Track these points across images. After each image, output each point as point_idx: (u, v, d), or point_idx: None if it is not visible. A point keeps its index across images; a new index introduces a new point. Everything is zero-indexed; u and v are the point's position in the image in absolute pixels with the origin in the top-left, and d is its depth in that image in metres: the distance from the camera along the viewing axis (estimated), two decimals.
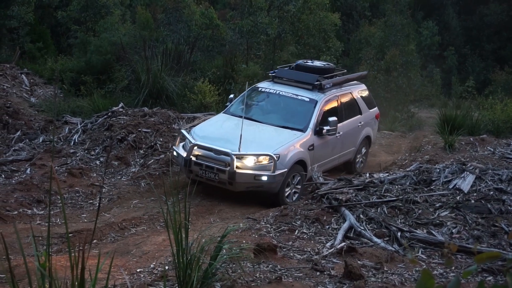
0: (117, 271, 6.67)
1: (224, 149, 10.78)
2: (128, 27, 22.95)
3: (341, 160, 13.04)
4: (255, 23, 21.72)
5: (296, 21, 23.35)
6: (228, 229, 6.45)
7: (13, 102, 16.02)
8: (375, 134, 14.90)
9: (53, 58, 22.35)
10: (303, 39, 23.78)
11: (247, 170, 10.71)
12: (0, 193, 10.72)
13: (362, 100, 13.85)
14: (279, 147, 11.03)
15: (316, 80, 12.51)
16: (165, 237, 8.33)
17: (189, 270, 5.72)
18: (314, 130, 11.79)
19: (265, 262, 7.08)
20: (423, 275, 2.54)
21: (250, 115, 12.05)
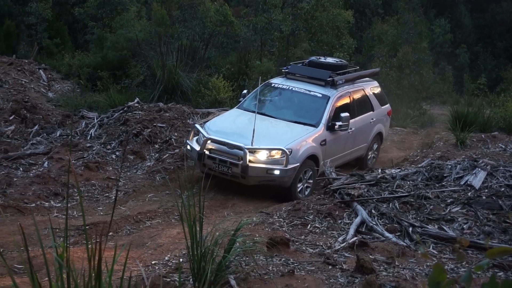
0: (133, 263, 6.70)
1: (237, 143, 10.81)
2: (143, 23, 22.96)
3: (353, 155, 13.02)
4: (269, 20, 21.69)
5: (309, 18, 23.27)
6: (241, 222, 6.46)
7: (31, 97, 16.10)
8: (387, 131, 14.84)
9: (70, 54, 22.44)
10: (317, 36, 23.71)
11: (259, 164, 10.73)
12: (18, 186, 10.78)
13: (374, 96, 13.82)
14: (292, 141, 11.03)
15: (329, 76, 12.49)
16: (180, 230, 8.35)
17: (203, 263, 5.73)
18: (327, 126, 11.78)
19: (278, 256, 7.09)
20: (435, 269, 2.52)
21: (263, 111, 12.09)
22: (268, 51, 23.02)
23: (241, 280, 6.06)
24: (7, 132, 13.85)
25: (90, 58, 21.53)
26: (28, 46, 21.99)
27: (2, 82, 16.66)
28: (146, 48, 19.93)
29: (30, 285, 4.52)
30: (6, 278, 6.47)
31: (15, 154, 12.46)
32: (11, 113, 14.90)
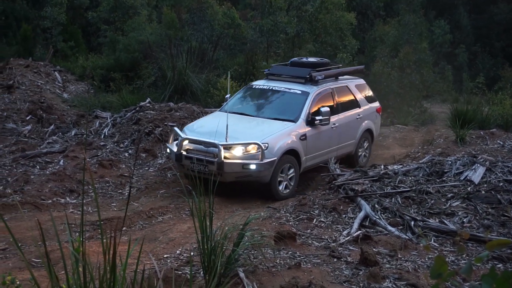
0: (145, 256, 6.70)
1: (212, 141, 10.47)
2: (154, 26, 22.98)
3: (340, 152, 12.53)
4: (275, 23, 21.68)
5: (313, 20, 23.22)
6: (250, 217, 6.46)
7: (47, 98, 16.15)
8: (378, 128, 14.42)
9: (84, 56, 22.48)
10: (321, 37, 23.66)
11: (235, 160, 10.37)
12: (35, 183, 10.81)
13: (360, 93, 13.46)
14: (268, 136, 10.68)
15: (308, 73, 12.15)
16: (190, 225, 8.36)
17: (213, 256, 5.74)
18: (306, 121, 11.39)
19: (285, 249, 7.09)
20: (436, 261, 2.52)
21: (243, 111, 11.88)
22: (274, 52, 23.01)
23: (249, 273, 6.07)
24: (24, 132, 13.89)
25: (103, 60, 21.56)
26: (43, 49, 22.03)
27: (19, 83, 16.71)
28: (157, 50, 19.95)
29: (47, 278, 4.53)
30: (25, 271, 6.49)
31: (32, 153, 12.50)
32: (28, 113, 14.95)
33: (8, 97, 15.69)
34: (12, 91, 16.22)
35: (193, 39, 20.80)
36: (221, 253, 5.77)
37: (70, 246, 3.55)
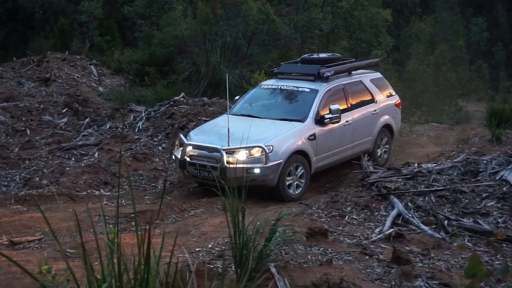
0: (178, 249, 6.75)
1: (213, 145, 10.18)
2: (189, 22, 23.05)
3: (356, 150, 12.02)
4: (310, 19, 21.60)
5: (348, 17, 23.09)
6: (282, 213, 6.46)
7: (83, 91, 16.34)
8: (398, 123, 13.84)
9: (119, 51, 22.67)
10: (355, 34, 23.51)
11: (238, 165, 9.96)
12: (71, 175, 10.97)
13: (377, 88, 12.86)
14: (273, 138, 10.27)
15: (317, 70, 11.67)
16: (222, 219, 8.39)
17: (245, 251, 5.75)
18: (315, 119, 10.95)
19: (317, 245, 7.07)
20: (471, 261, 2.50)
21: (250, 112, 11.49)
22: (308, 48, 22.93)
23: (281, 268, 6.07)
24: (60, 124, 14.09)
25: (138, 54, 21.73)
26: (80, 43, 22.28)
27: (56, 77, 16.94)
28: (191, 45, 20.06)
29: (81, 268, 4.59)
30: (59, 261, 6.59)
31: (67, 145, 12.69)
32: (64, 106, 15.16)
33: (45, 90, 15.94)
34: (49, 84, 16.46)
35: (228, 35, 20.84)
36: (253, 248, 5.78)
37: (105, 237, 3.60)
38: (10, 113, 14.25)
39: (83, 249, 3.36)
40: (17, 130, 13.47)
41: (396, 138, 15.83)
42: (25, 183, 10.55)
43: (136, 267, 3.38)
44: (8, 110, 14.39)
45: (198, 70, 18.41)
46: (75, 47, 21.43)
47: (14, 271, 6.21)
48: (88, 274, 3.35)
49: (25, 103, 14.90)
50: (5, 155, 11.87)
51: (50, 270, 3.83)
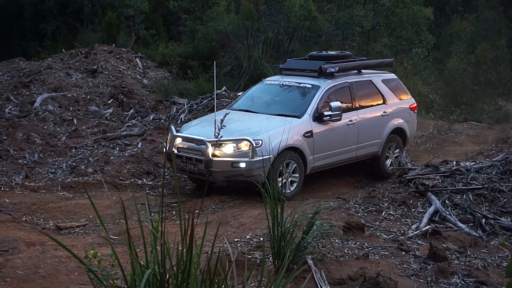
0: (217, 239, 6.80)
1: (199, 137, 9.69)
2: (232, 17, 23.10)
3: (361, 152, 11.17)
4: (351, 16, 21.44)
5: (390, 14, 22.83)
6: (320, 207, 6.46)
7: (128, 83, 16.53)
8: (413, 128, 12.61)
9: (164, 44, 22.83)
10: (396, 31, 23.26)
11: (224, 158, 9.50)
12: (115, 164, 11.12)
13: (388, 88, 11.87)
14: (263, 132, 9.62)
15: (319, 66, 10.95)
16: (261, 211, 8.43)
17: (283, 242, 5.78)
18: (313, 116, 10.23)
19: (353, 240, 7.06)
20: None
21: (249, 108, 10.93)
22: (349, 45, 22.77)
23: (318, 261, 6.08)
24: (106, 115, 14.29)
25: (182, 48, 21.85)
26: (126, 36, 22.49)
27: (103, 68, 17.16)
28: (234, 40, 20.09)
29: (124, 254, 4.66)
30: (103, 247, 6.70)
31: (112, 135, 12.86)
32: (109, 97, 15.36)
33: (92, 81, 16.15)
34: (96, 75, 16.68)
35: (270, 30, 20.81)
36: (291, 240, 5.80)
37: (149, 224, 3.65)
38: (58, 103, 14.49)
39: (129, 236, 3.41)
40: (64, 119, 13.69)
41: (434, 135, 15.66)
42: (71, 171, 10.73)
43: (179, 255, 3.42)
44: (56, 100, 14.64)
45: (240, 64, 18.44)
46: (122, 40, 21.63)
47: (59, 255, 6.35)
48: (133, 260, 3.41)
49: (72, 93, 15.13)
50: (53, 143, 12.09)
51: (96, 254, 3.90)
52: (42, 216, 8.33)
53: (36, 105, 14.15)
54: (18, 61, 18.22)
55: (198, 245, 3.64)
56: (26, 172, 10.46)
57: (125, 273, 3.48)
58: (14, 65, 17.40)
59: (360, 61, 12.11)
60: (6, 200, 8.70)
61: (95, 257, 3.89)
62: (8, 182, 9.85)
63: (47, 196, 9.32)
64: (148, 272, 3.25)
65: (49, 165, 11.08)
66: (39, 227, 7.95)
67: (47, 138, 12.29)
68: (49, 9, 22.64)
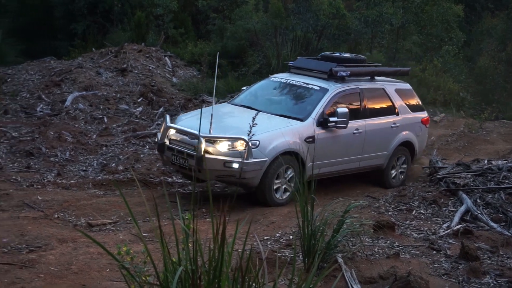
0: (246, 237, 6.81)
1: (193, 131, 9.03)
2: (261, 15, 23.08)
3: (364, 164, 10.57)
4: (380, 13, 21.28)
5: (419, 11, 22.62)
6: (350, 205, 6.43)
7: (157, 82, 16.62)
8: (423, 142, 11.95)
9: (193, 43, 22.92)
10: (426, 29, 23.04)
11: (217, 156, 8.85)
12: (145, 162, 11.19)
13: (401, 99, 11.26)
14: (261, 133, 8.93)
15: (329, 69, 10.32)
16: (290, 209, 8.41)
17: (313, 241, 5.77)
18: (317, 121, 9.62)
19: (384, 238, 7.02)
20: None
21: (251, 104, 10.27)
22: (378, 43, 22.64)
23: (348, 259, 6.06)
24: (136, 113, 14.38)
25: (211, 47, 21.91)
26: (155, 35, 22.59)
27: (132, 67, 17.28)
28: (262, 38, 20.11)
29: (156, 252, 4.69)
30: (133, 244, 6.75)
31: (142, 133, 12.95)
32: (139, 95, 15.46)
33: (121, 80, 16.28)
34: (126, 74, 16.80)
35: (298, 29, 20.77)
36: (321, 239, 5.79)
37: (181, 222, 3.66)
38: (89, 101, 14.63)
39: (161, 233, 3.43)
40: (95, 117, 13.82)
41: (465, 134, 15.48)
42: (102, 169, 10.83)
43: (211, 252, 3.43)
44: (87, 98, 14.78)
45: (268, 62, 18.45)
46: (151, 39, 21.74)
47: (91, 252, 6.41)
48: (165, 256, 3.43)
49: (103, 92, 15.27)
50: (84, 141, 12.21)
51: (129, 251, 3.93)
52: (73, 213, 8.42)
53: (67, 103, 14.30)
54: (49, 61, 18.44)
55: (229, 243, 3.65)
56: (58, 169, 10.58)
57: (157, 270, 3.50)
58: (46, 64, 17.61)
59: (374, 67, 11.59)
60: (39, 197, 8.81)
61: (127, 253, 3.92)
62: (41, 179, 9.97)
63: (79, 193, 9.42)
64: (180, 269, 3.27)
65: (80, 163, 11.20)
66: (71, 224, 8.04)
67: (78, 136, 12.41)
68: (80, 9, 22.88)
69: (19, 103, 14.47)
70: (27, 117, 13.60)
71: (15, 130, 12.53)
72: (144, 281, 3.65)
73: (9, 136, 12.13)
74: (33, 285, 5.20)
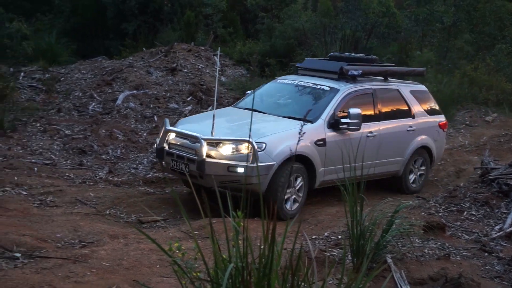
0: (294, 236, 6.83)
1: (193, 133, 8.52)
2: (309, 14, 23.08)
3: (379, 170, 9.69)
4: (431, 11, 21.02)
5: (472, 9, 22.24)
6: (400, 205, 6.38)
7: (206, 81, 16.76)
8: (441, 148, 11.31)
9: (241, 42, 23.04)
10: (478, 27, 22.62)
11: (220, 160, 8.25)
12: None
13: (417, 101, 10.74)
14: (269, 134, 8.46)
15: (340, 67, 9.78)
16: (339, 209, 8.41)
17: (362, 241, 5.74)
18: (328, 123, 9.05)
19: (434, 240, 6.94)
20: None
21: (255, 107, 9.74)
22: (428, 41, 22.35)
23: (397, 260, 6.02)
24: (185, 112, 14.54)
25: (259, 46, 22.00)
26: (204, 35, 22.79)
27: (182, 67, 17.46)
28: (311, 37, 20.10)
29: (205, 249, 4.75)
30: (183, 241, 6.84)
31: None
32: (188, 94, 15.63)
33: (171, 79, 16.48)
34: (175, 73, 16.99)
35: (347, 27, 20.69)
36: (370, 238, 5.76)
37: (231, 219, 3.71)
38: (139, 100, 14.86)
39: (212, 230, 3.48)
40: (145, 116, 14.03)
41: None
42: (152, 166, 10.99)
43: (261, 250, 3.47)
44: (137, 97, 15.01)
45: None
46: (200, 39, 21.94)
47: (142, 248, 6.53)
48: (216, 253, 3.48)
49: (153, 91, 15.48)
50: (134, 139, 12.41)
51: (180, 247, 4.00)
52: (124, 210, 8.59)
53: (118, 102, 14.56)
54: (101, 60, 18.79)
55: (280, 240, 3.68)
56: (109, 167, 10.79)
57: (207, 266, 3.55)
58: (97, 64, 17.95)
59: (387, 66, 11.13)
60: (91, 194, 9.01)
61: (178, 249, 3.99)
62: (93, 176, 10.19)
63: (129, 190, 9.59)
64: (231, 266, 3.31)
65: (131, 161, 11.39)
66: (122, 220, 8.20)
67: (129, 134, 12.63)
68: (130, 9, 23.24)
69: (72, 102, 14.80)
70: (79, 116, 13.90)
71: (68, 128, 12.83)
72: (195, 277, 3.71)
73: (62, 134, 12.42)
74: (86, 280, 5.32)
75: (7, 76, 14.86)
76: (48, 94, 15.18)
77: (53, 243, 6.56)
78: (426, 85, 12.29)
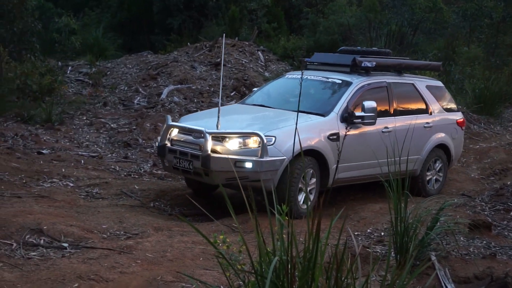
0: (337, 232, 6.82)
1: (197, 127, 8.10)
2: (354, 9, 22.95)
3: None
4: (480, 7, 20.69)
5: None
6: (445, 203, 6.33)
7: (250, 76, 16.81)
8: (460, 147, 10.68)
9: (285, 37, 23.05)
10: None
11: (226, 155, 7.73)
12: None
13: (434, 98, 10.21)
14: (277, 128, 8.01)
15: (352, 59, 9.31)
16: (382, 206, 8.35)
17: (405, 238, 5.71)
18: (342, 116, 8.57)
19: (479, 238, 6.85)
20: None
21: (265, 103, 9.39)
22: (476, 37, 22.00)
23: (442, 258, 5.96)
24: None
25: (304, 41, 21.97)
26: (248, 30, 22.88)
27: (226, 61, 17.56)
28: (356, 33, 20.00)
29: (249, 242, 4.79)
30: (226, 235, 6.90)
31: None
32: (232, 89, 15.72)
33: (215, 74, 16.58)
34: (219, 68, 17.11)
35: (393, 23, 20.51)
36: (414, 236, 5.73)
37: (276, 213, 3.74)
38: (183, 94, 15.01)
39: (257, 223, 3.52)
40: (189, 110, 14.15)
41: None
42: None
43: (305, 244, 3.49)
44: (181, 92, 15.16)
45: None
46: (244, 34, 22.04)
47: (185, 241, 6.61)
48: (260, 246, 3.51)
49: (197, 85, 15.61)
50: None
51: (225, 240, 4.06)
52: (168, 203, 8.70)
53: (162, 96, 14.74)
54: (146, 55, 19.04)
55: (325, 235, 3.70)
56: (154, 160, 10.93)
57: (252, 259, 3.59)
58: (143, 58, 18.19)
59: (402, 59, 10.72)
60: (136, 187, 9.15)
61: (224, 242, 4.04)
62: (138, 169, 10.34)
63: (173, 184, 9.71)
64: (275, 259, 3.35)
65: None
66: (166, 213, 8.31)
67: None
68: (176, 4, 23.47)
69: (118, 96, 15.05)
70: (125, 109, 14.12)
71: (113, 121, 13.05)
72: (239, 269, 3.75)
73: (108, 127, 12.64)
74: (131, 270, 5.42)
75: (55, 70, 15.18)
76: (94, 88, 15.47)
77: (99, 234, 6.69)
78: (474, 81, 12.10)
